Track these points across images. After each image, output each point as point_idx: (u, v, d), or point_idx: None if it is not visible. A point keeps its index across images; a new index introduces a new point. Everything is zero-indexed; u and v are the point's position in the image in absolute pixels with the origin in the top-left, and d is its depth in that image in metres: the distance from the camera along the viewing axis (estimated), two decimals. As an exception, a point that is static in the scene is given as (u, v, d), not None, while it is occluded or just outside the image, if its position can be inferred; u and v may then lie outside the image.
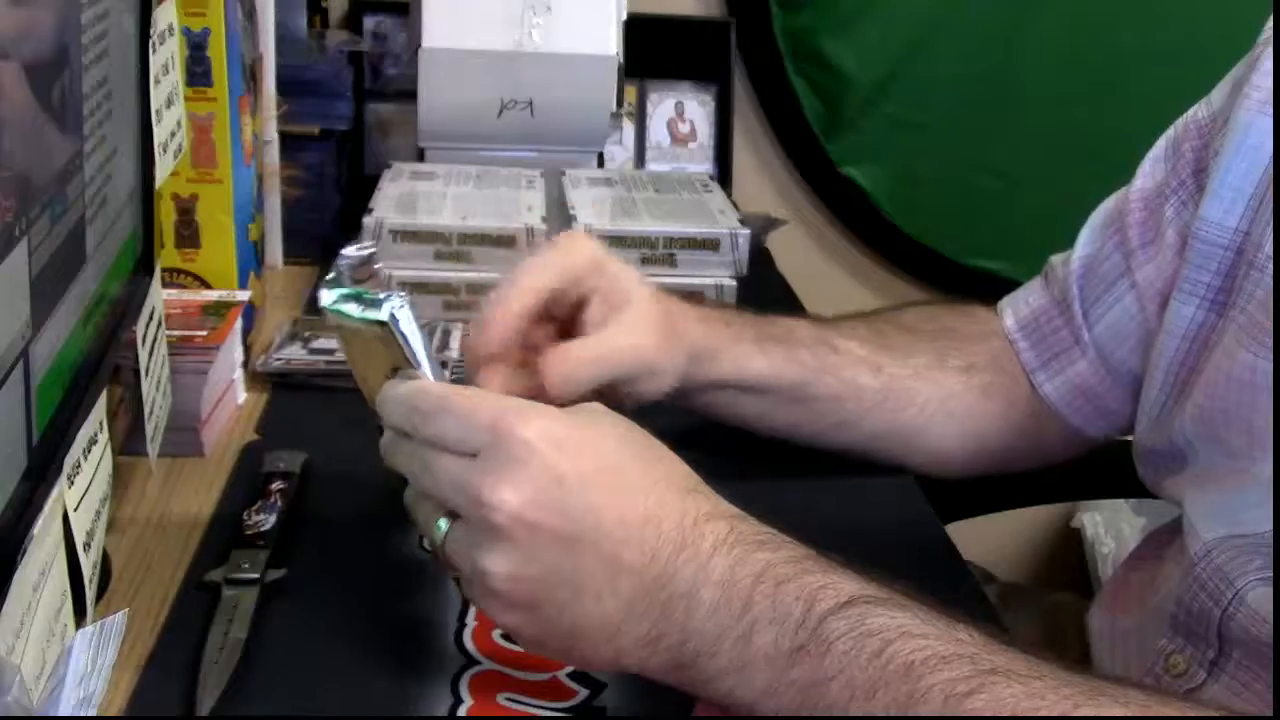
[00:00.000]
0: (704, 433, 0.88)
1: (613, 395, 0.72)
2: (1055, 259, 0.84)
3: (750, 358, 0.80)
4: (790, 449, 0.85)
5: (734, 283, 1.07)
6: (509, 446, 0.54)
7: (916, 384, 0.82)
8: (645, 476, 0.56)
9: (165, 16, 0.74)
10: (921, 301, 0.91)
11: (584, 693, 0.62)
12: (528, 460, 0.53)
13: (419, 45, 1.16)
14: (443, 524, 0.56)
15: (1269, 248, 0.66)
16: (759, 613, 0.52)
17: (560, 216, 1.10)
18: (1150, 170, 0.78)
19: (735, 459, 0.86)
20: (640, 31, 1.23)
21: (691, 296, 0.82)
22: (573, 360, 0.69)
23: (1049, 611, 1.21)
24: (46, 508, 0.53)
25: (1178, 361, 0.72)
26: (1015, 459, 0.86)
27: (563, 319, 0.73)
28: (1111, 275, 0.79)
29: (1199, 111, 0.76)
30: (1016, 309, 0.85)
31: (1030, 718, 0.47)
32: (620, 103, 1.22)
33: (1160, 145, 0.79)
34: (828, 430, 0.83)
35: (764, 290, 1.17)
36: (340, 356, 0.94)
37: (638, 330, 0.73)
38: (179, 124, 0.79)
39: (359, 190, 1.18)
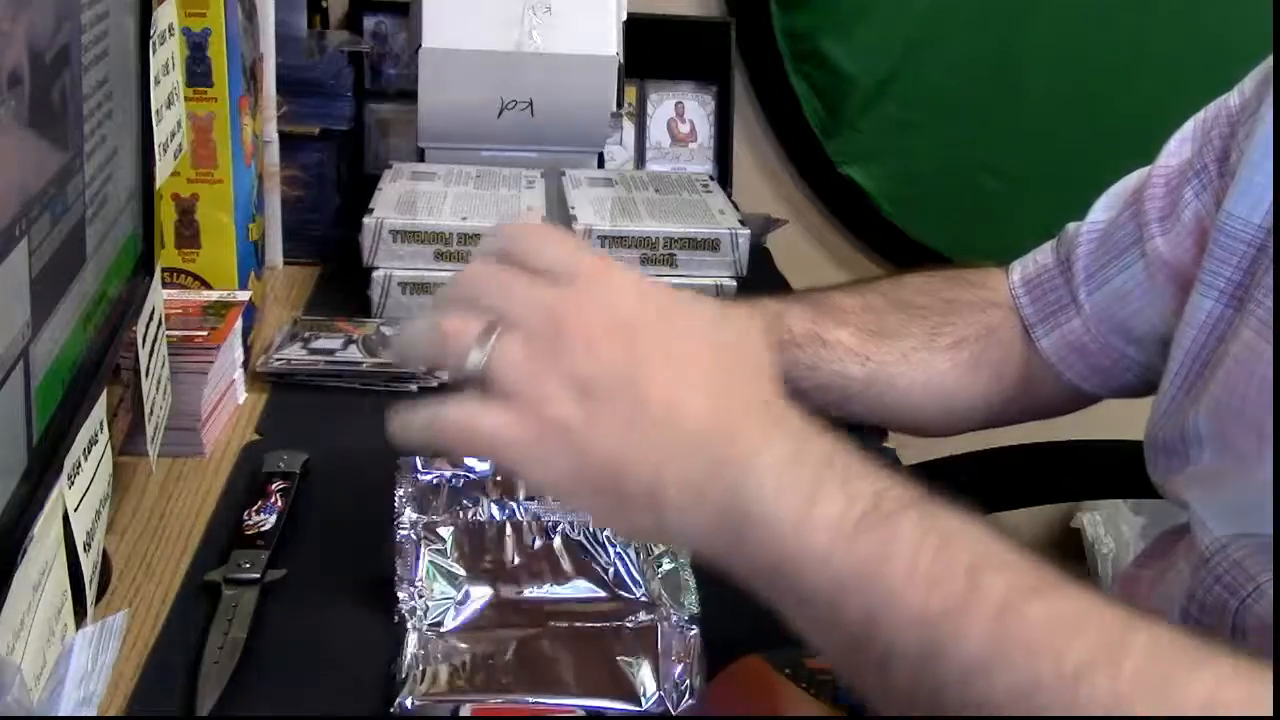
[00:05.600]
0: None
1: None
2: (1070, 226, 0.86)
3: None
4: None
5: (734, 283, 1.07)
6: (596, 276, 0.54)
7: (901, 368, 0.84)
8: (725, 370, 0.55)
9: (165, 16, 0.74)
10: (933, 268, 0.93)
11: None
12: (614, 288, 0.54)
13: (419, 45, 1.16)
14: (475, 356, 0.52)
15: None
16: (827, 480, 0.50)
17: (560, 216, 1.10)
18: (1176, 149, 0.79)
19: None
20: (640, 31, 1.23)
21: None
22: None
23: (1049, 611, 1.20)
24: (46, 508, 0.53)
25: (1193, 354, 0.72)
26: (1008, 414, 0.88)
27: None
28: (1124, 243, 0.80)
29: (1230, 99, 0.76)
30: (1025, 267, 0.88)
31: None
32: (620, 103, 1.22)
33: (1189, 126, 0.79)
34: (807, 406, 0.85)
35: (764, 290, 1.17)
36: (340, 356, 0.94)
37: None
38: (179, 124, 0.79)
39: (359, 190, 1.18)
